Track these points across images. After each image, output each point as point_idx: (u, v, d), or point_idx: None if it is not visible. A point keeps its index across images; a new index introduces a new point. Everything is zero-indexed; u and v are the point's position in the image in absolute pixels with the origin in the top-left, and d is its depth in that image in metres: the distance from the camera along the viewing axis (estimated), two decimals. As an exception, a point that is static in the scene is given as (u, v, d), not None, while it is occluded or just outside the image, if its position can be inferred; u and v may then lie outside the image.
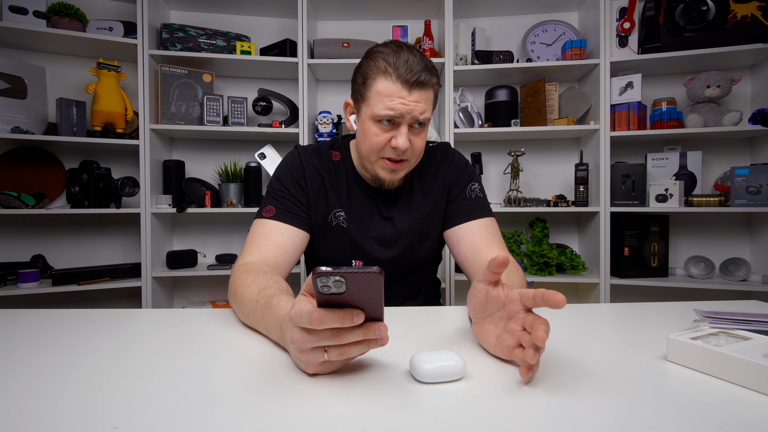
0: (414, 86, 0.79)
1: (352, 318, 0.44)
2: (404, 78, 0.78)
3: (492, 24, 2.24)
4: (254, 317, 0.65)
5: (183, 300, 2.22)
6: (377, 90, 0.80)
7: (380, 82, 0.80)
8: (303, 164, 0.93)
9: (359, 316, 0.44)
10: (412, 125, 0.82)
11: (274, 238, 0.85)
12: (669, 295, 2.06)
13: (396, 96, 0.79)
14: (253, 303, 0.66)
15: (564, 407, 0.42)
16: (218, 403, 0.43)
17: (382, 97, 0.79)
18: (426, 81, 0.79)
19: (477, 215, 0.93)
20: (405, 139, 0.81)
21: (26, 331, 0.68)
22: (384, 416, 0.40)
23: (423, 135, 0.85)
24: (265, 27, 2.23)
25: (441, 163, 0.99)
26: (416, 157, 0.88)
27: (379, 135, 0.82)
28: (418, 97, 0.79)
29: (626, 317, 0.76)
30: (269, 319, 0.60)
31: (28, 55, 1.98)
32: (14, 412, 0.41)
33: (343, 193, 0.94)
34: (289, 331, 0.48)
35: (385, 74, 0.79)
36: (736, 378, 0.46)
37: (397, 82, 0.78)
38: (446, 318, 0.75)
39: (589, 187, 2.03)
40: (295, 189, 0.91)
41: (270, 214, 0.87)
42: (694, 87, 1.92)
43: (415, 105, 0.79)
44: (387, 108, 0.79)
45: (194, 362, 0.54)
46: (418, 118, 0.81)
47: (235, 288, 0.73)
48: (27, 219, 2.03)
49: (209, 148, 2.22)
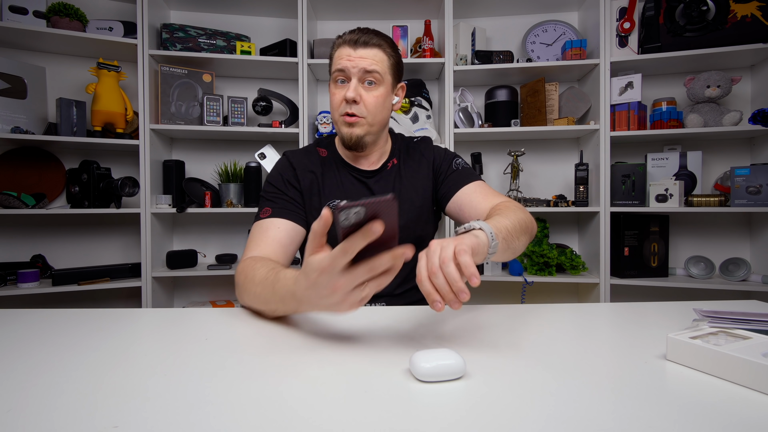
0: (358, 45, 0.92)
1: (371, 231, 0.47)
2: (349, 41, 0.93)
3: (492, 24, 2.24)
4: (266, 293, 0.69)
5: (183, 300, 2.22)
6: (334, 58, 0.95)
7: (336, 51, 0.95)
8: (293, 165, 1.01)
9: (378, 226, 0.47)
10: (362, 82, 0.93)
11: (271, 234, 0.91)
12: (669, 295, 2.06)
13: (344, 55, 0.92)
14: (263, 282, 0.71)
15: (564, 406, 0.42)
16: (218, 403, 0.43)
17: (336, 59, 0.94)
18: (368, 41, 0.92)
19: (468, 181, 1.01)
20: (352, 91, 0.91)
21: (26, 331, 0.68)
22: (384, 416, 0.40)
23: (375, 93, 0.94)
24: (265, 27, 2.23)
25: (424, 149, 1.09)
26: (372, 114, 0.94)
27: (335, 94, 0.95)
28: (363, 53, 0.92)
29: (626, 317, 0.76)
30: (281, 290, 0.65)
31: (28, 55, 1.98)
32: (14, 412, 0.41)
33: (335, 183, 1.01)
34: (328, 282, 0.52)
35: (337, 44, 0.95)
36: (736, 377, 0.46)
37: (344, 46, 0.93)
38: (446, 318, 0.75)
39: (589, 187, 2.03)
40: (287, 189, 0.98)
41: (267, 215, 0.94)
42: (694, 87, 1.93)
43: (360, 60, 0.91)
44: (337, 66, 0.93)
45: (194, 362, 0.54)
46: (365, 69, 0.91)
47: (244, 275, 0.78)
48: (27, 219, 2.03)
49: (209, 148, 2.22)
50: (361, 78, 0.92)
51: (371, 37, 0.92)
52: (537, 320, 0.73)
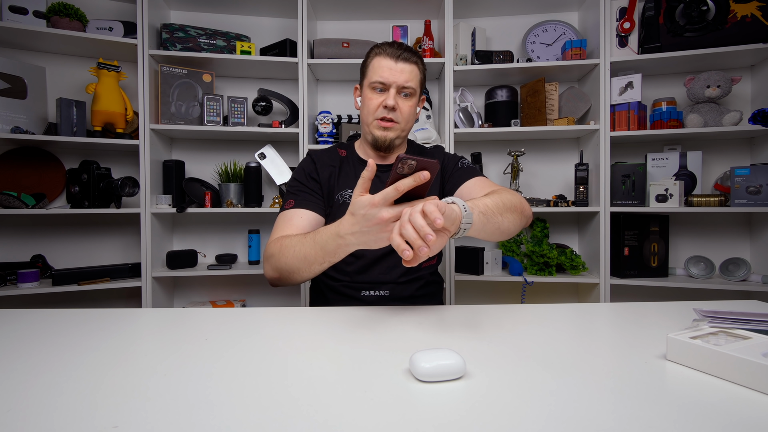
0: (399, 59, 1.02)
1: (420, 176, 0.60)
2: (392, 54, 1.03)
3: (492, 24, 2.24)
4: (305, 246, 0.82)
5: (183, 300, 2.22)
6: (373, 65, 1.05)
7: (375, 60, 1.05)
8: (315, 162, 1.11)
9: (425, 173, 0.60)
10: (399, 93, 1.04)
11: (295, 222, 1.00)
12: (669, 295, 2.06)
13: (386, 67, 1.02)
14: (301, 240, 0.84)
15: (563, 406, 0.42)
16: (218, 403, 0.43)
17: (376, 69, 1.04)
18: (409, 58, 1.03)
19: (470, 176, 1.09)
20: (392, 99, 1.02)
21: (26, 331, 0.68)
22: (384, 415, 0.40)
23: (409, 103, 1.05)
24: (265, 27, 2.23)
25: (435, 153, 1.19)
26: (405, 121, 1.06)
27: (373, 99, 1.04)
28: (402, 68, 1.02)
29: (626, 317, 0.76)
30: (323, 235, 0.77)
31: (28, 55, 1.98)
32: (14, 412, 0.41)
33: (351, 177, 1.11)
34: (376, 214, 0.64)
35: (379, 54, 1.05)
36: (736, 377, 0.46)
37: (386, 57, 1.03)
38: (446, 317, 0.75)
39: (589, 187, 2.03)
40: (308, 181, 1.08)
41: (290, 206, 1.03)
42: (694, 87, 1.92)
43: (400, 74, 1.02)
44: (379, 75, 1.02)
45: (194, 362, 0.54)
46: (403, 84, 1.02)
47: (279, 245, 0.89)
48: (27, 219, 2.03)
49: (209, 148, 2.22)
50: (399, 89, 1.03)
51: (410, 55, 1.04)
52: (537, 320, 0.73)
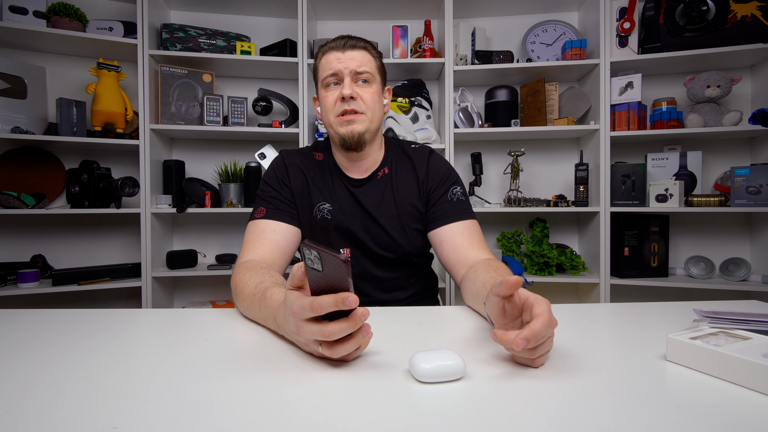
0: (346, 48, 0.94)
1: (344, 301, 0.47)
2: (337, 46, 0.95)
3: (492, 24, 2.24)
4: (253, 310, 0.72)
5: (183, 300, 2.22)
6: (322, 64, 0.97)
7: (323, 58, 0.97)
8: (286, 165, 1.03)
9: (352, 300, 0.47)
10: (356, 81, 0.94)
11: (268, 236, 0.93)
12: (669, 295, 2.06)
13: (333, 59, 0.94)
14: (251, 297, 0.73)
15: (564, 407, 0.42)
16: (218, 403, 0.43)
17: (325, 65, 0.96)
18: (355, 44, 0.95)
19: (458, 218, 0.97)
20: (348, 88, 0.92)
21: (26, 331, 0.68)
22: (384, 416, 0.40)
23: (370, 90, 0.95)
24: (265, 27, 2.23)
25: (419, 164, 1.04)
26: (370, 110, 0.95)
27: (329, 96, 0.95)
28: (352, 55, 0.94)
29: (626, 317, 0.76)
30: (265, 311, 0.67)
31: (28, 55, 1.98)
32: (14, 412, 0.41)
33: (327, 188, 1.02)
34: (295, 324, 0.52)
35: (325, 52, 0.97)
36: (736, 378, 0.46)
37: (332, 51, 0.95)
38: (446, 318, 0.75)
39: (589, 187, 2.03)
40: (281, 188, 1.00)
41: (261, 215, 0.96)
42: (694, 87, 1.92)
43: (351, 60, 0.93)
44: (329, 69, 0.94)
45: (194, 362, 0.54)
46: (356, 69, 0.93)
47: (235, 285, 0.81)
48: (27, 219, 2.03)
49: (209, 148, 2.22)
50: (354, 77, 0.94)
51: (357, 41, 0.96)
52: (537, 320, 0.73)
